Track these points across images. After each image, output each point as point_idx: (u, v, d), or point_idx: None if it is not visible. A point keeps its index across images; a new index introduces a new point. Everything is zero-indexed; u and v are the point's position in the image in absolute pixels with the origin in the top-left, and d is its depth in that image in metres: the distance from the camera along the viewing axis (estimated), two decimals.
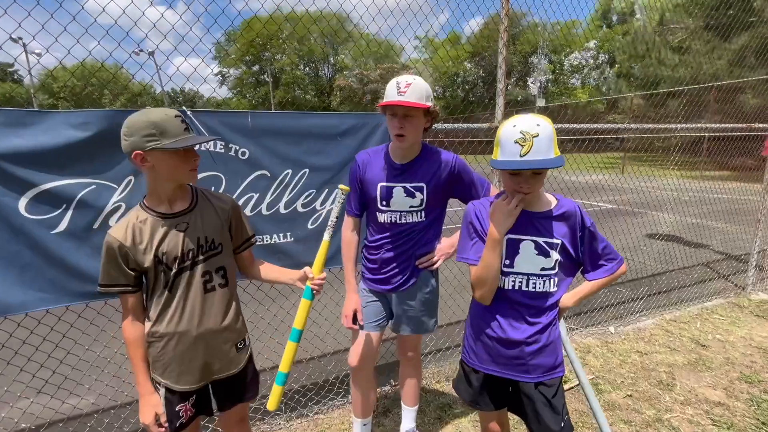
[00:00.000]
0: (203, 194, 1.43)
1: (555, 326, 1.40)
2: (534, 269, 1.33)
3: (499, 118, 2.52)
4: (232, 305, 1.45)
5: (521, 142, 1.18)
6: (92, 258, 1.72)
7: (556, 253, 1.33)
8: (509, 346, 1.37)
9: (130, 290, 1.30)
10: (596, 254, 1.38)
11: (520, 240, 1.34)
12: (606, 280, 1.40)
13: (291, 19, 2.91)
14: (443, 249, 1.84)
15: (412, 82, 1.57)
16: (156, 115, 1.20)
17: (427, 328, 1.92)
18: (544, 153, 1.18)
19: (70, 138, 1.61)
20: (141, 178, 1.75)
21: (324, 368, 2.82)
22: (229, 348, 1.44)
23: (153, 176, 1.27)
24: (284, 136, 2.01)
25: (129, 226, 1.27)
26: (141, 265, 1.27)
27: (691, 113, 10.63)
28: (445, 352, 3.07)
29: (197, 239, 1.34)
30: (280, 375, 1.47)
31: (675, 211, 7.05)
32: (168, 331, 1.33)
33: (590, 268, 1.40)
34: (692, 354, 3.03)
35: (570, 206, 1.36)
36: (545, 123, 1.20)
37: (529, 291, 1.35)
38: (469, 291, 1.45)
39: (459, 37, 31.17)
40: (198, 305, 1.35)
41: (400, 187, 1.72)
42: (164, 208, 1.31)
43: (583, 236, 1.36)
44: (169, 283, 1.31)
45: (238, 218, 1.50)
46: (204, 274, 1.36)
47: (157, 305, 1.32)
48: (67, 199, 1.65)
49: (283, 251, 2.08)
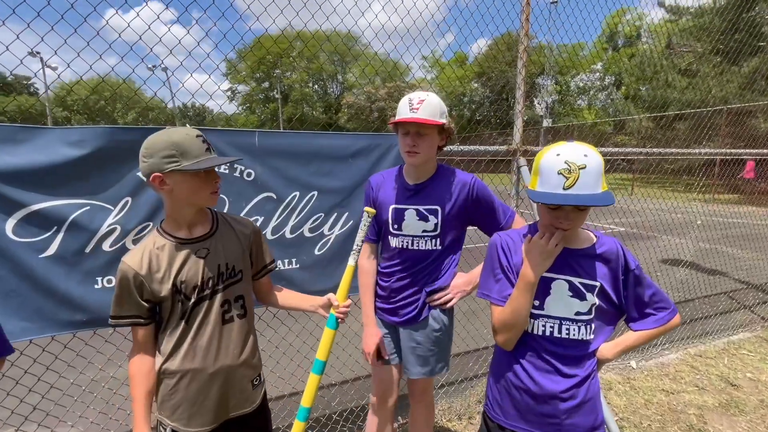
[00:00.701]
0: (224, 218, 1.35)
1: (594, 380, 1.23)
2: (567, 313, 1.18)
3: (518, 140, 2.41)
4: (249, 337, 1.35)
5: (566, 173, 1.05)
6: (83, 284, 1.59)
7: (593, 296, 1.18)
8: (541, 400, 1.20)
9: (142, 322, 1.20)
10: (643, 302, 1.22)
11: (553, 279, 1.19)
12: (654, 332, 1.22)
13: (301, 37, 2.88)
14: (459, 286, 1.66)
15: (425, 99, 1.47)
16: (177, 135, 1.12)
17: (434, 371, 1.72)
18: (591, 187, 1.04)
19: (64, 156, 1.50)
20: (138, 200, 1.64)
21: (328, 402, 2.64)
22: (245, 385, 1.33)
23: (172, 200, 1.19)
24: (292, 157, 1.90)
25: (145, 253, 1.18)
26: (157, 296, 1.18)
27: (700, 136, 10.51)
28: (458, 386, 2.87)
29: (218, 266, 1.25)
30: (303, 410, 1.34)
31: (688, 236, 6.84)
32: (182, 368, 1.21)
33: (636, 317, 1.23)
34: (723, 394, 2.81)
35: (611, 245, 1.22)
36: (594, 154, 1.06)
37: (562, 338, 1.19)
38: (480, 316, 1.32)
39: (465, 57, 31.62)
40: (216, 338, 1.24)
41: (413, 210, 1.59)
42: (183, 233, 1.22)
43: (627, 280, 1.20)
44: (187, 314, 1.21)
45: (258, 244, 1.42)
46: (223, 304, 1.26)
47: (171, 338, 1.22)
48: (59, 220, 1.53)
49: (287, 278, 1.94)
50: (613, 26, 27.13)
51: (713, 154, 3.99)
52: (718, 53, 13.48)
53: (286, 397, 2.50)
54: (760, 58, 13.72)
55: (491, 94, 34.51)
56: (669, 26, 18.25)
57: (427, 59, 14.39)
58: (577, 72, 34.52)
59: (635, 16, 24.39)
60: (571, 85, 36.91)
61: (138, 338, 1.22)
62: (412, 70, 17.91)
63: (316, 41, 3.70)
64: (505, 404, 1.27)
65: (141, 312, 1.19)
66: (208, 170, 1.17)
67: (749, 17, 6.39)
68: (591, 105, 35.60)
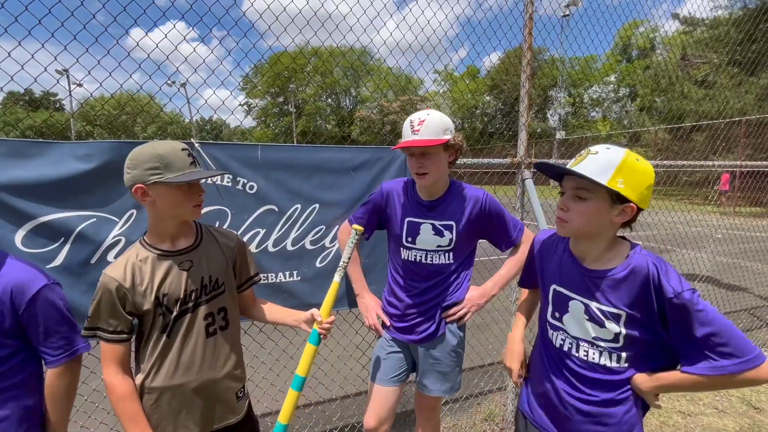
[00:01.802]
0: (208, 231, 1.35)
1: (622, 408, 1.08)
2: (584, 335, 1.10)
3: (522, 153, 2.39)
4: (234, 349, 1.34)
5: (578, 157, 1.06)
6: (87, 295, 1.62)
7: (617, 325, 1.04)
8: (560, 407, 1.16)
9: (124, 337, 1.18)
10: (693, 340, 0.96)
11: (570, 297, 1.12)
12: (708, 380, 0.96)
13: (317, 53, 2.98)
14: (473, 299, 1.64)
15: (425, 119, 1.48)
16: (162, 148, 1.14)
17: (454, 388, 1.70)
18: (592, 172, 1.00)
19: (73, 170, 1.55)
20: (143, 212, 1.68)
21: (329, 417, 2.61)
22: (229, 397, 1.31)
23: (154, 212, 1.20)
24: (295, 170, 1.93)
25: (128, 265, 1.18)
26: (140, 309, 1.17)
27: (719, 148, 10.26)
28: (462, 403, 2.81)
29: (201, 279, 1.25)
30: (279, 427, 1.32)
31: (706, 250, 6.62)
32: (164, 384, 1.20)
33: (686, 356, 1.00)
34: (745, 418, 2.67)
35: (641, 266, 1.02)
36: (617, 150, 1.01)
37: (580, 358, 1.11)
38: (485, 332, 1.33)
39: (477, 70, 31.80)
40: (199, 351, 1.23)
41: (429, 225, 1.59)
42: (167, 246, 1.23)
43: (665, 311, 0.98)
44: (169, 327, 1.20)
45: (243, 256, 1.42)
46: (206, 317, 1.25)
47: (152, 354, 1.20)
48: (66, 232, 1.57)
49: (289, 291, 1.95)
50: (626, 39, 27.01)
51: (730, 166, 3.90)
52: (735, 64, 13.25)
53: (272, 414, 2.48)
54: None
55: (504, 106, 34.51)
56: (683, 38, 18.06)
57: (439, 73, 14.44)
58: (590, 84, 34.32)
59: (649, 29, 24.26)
60: (585, 98, 36.67)
61: (118, 356, 1.17)
62: (425, 84, 18.07)
63: (332, 57, 3.81)
64: (532, 401, 1.26)
65: (124, 326, 1.17)
66: (191, 183, 1.18)
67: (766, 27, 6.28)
68: (605, 117, 35.23)
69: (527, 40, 2.29)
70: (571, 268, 1.14)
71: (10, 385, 1.10)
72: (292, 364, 2.41)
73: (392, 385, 1.69)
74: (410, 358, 1.73)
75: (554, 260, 1.22)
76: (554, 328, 1.17)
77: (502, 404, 2.71)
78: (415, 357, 1.71)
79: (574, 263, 1.14)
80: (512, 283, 2.53)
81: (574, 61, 19.17)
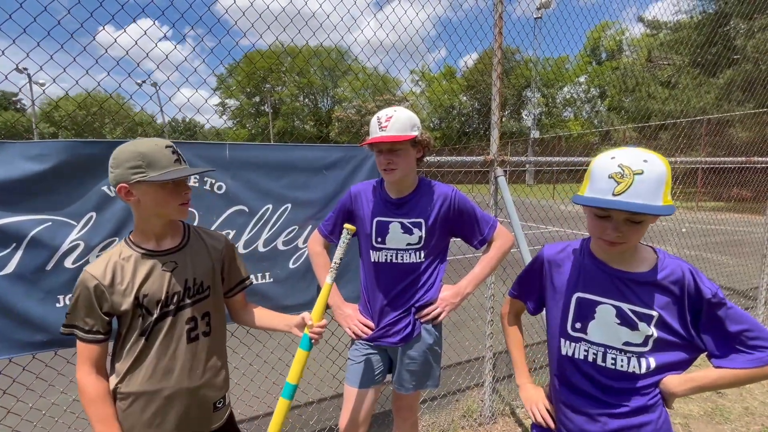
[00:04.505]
0: (196, 232, 1.31)
1: (658, 414, 1.04)
2: (613, 341, 1.05)
3: (494, 151, 2.42)
4: (215, 357, 1.29)
5: (618, 177, 0.92)
6: (43, 303, 1.53)
7: (649, 327, 1.02)
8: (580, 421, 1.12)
9: (101, 338, 1.14)
10: (728, 337, 1.00)
11: (598, 302, 1.07)
12: (745, 373, 0.98)
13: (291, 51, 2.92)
14: (447, 299, 1.63)
15: (392, 115, 1.48)
16: (145, 146, 1.10)
17: (434, 384, 1.70)
18: (646, 197, 0.90)
19: (25, 171, 1.46)
20: (104, 215, 1.60)
21: (306, 421, 2.57)
22: (206, 407, 1.26)
23: (139, 211, 1.16)
24: (265, 169, 1.88)
25: (110, 263, 1.13)
26: (117, 309, 1.12)
27: (682, 146, 10.75)
28: (440, 400, 2.82)
29: (185, 281, 1.20)
30: None
31: (672, 243, 6.92)
32: (138, 389, 1.15)
33: (718, 354, 1.01)
34: (708, 403, 2.80)
35: (676, 270, 1.03)
36: (656, 160, 0.92)
37: (606, 367, 1.06)
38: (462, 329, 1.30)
39: (454, 71, 32.17)
40: (179, 357, 1.19)
41: (397, 223, 1.58)
42: (151, 245, 1.19)
43: (700, 311, 1.01)
44: (148, 330, 1.15)
45: (231, 258, 1.37)
46: (189, 321, 1.21)
47: (128, 357, 1.15)
48: (18, 237, 1.48)
49: (261, 293, 1.90)
50: (595, 41, 27.97)
51: (695, 162, 4.08)
52: (697, 65, 13.92)
53: (261, 417, 2.43)
54: (734, 70, 14.19)
55: (481, 106, 35.07)
56: (649, 40, 18.83)
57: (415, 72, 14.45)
58: (563, 84, 35.33)
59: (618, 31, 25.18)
60: (558, 98, 37.72)
61: (92, 356, 1.14)
62: (401, 84, 18.18)
63: (305, 56, 3.74)
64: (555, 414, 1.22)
65: (100, 326, 1.13)
66: (177, 181, 1.14)
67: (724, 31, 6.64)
68: (577, 116, 36.35)
69: (497, 39, 2.32)
70: (595, 273, 1.09)
71: None
72: (267, 368, 2.38)
73: (368, 388, 1.66)
74: (387, 359, 1.71)
75: (569, 269, 1.16)
76: (574, 340, 1.11)
77: (480, 400, 2.73)
78: (393, 358, 1.70)
79: (601, 266, 1.09)
80: (487, 280, 2.57)
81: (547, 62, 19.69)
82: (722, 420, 2.61)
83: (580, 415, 1.11)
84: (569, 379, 1.14)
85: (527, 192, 10.87)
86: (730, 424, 2.56)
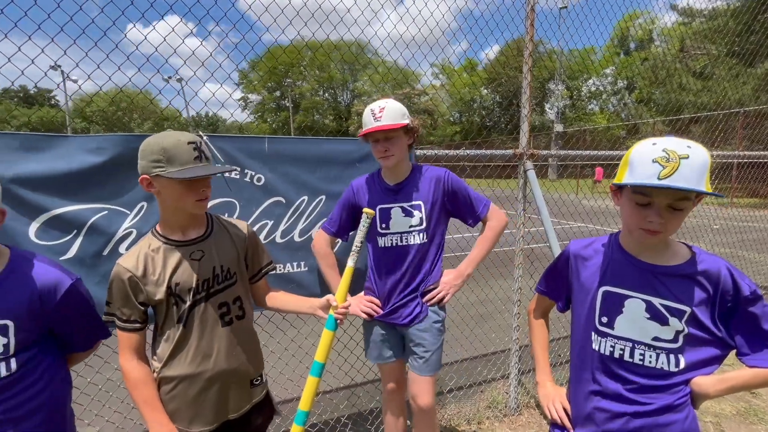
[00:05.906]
0: (219, 221, 1.37)
1: (685, 415, 1.02)
2: (642, 337, 1.02)
3: (524, 144, 2.42)
4: (249, 338, 1.37)
5: (663, 161, 0.90)
6: (99, 286, 1.64)
7: (680, 323, 0.99)
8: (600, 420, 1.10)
9: (138, 326, 1.21)
10: (765, 335, 0.98)
11: (626, 296, 1.05)
12: None
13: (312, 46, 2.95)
14: (450, 281, 1.74)
15: (385, 106, 1.61)
16: (168, 141, 1.14)
17: (439, 366, 1.77)
18: (692, 182, 0.88)
19: (84, 163, 1.57)
20: (154, 204, 1.70)
21: (337, 405, 2.66)
22: (245, 385, 1.35)
23: (161, 202, 1.22)
24: (301, 162, 1.95)
25: (141, 256, 1.20)
26: (152, 298, 1.19)
27: (717, 139, 10.32)
28: (467, 390, 2.86)
29: (212, 269, 1.26)
30: (301, 414, 1.36)
31: (705, 240, 6.69)
32: (181, 373, 1.22)
33: (748, 352, 0.99)
34: (741, 402, 2.74)
35: (713, 265, 1.01)
36: (699, 148, 0.92)
37: (634, 363, 1.03)
38: (489, 321, 1.32)
39: (475, 64, 31.66)
40: (216, 341, 1.26)
41: (398, 207, 1.70)
42: (177, 236, 1.25)
43: (735, 309, 0.98)
44: (184, 317, 1.22)
45: (254, 246, 1.43)
46: (221, 306, 1.27)
47: (169, 343, 1.23)
48: (79, 224, 1.60)
49: (296, 281, 1.98)
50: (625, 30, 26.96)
51: (728, 156, 3.93)
52: (733, 55, 13.26)
53: (294, 400, 2.53)
54: None
55: (502, 99, 34.43)
56: (682, 29, 18.03)
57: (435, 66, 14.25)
58: (588, 76, 34.23)
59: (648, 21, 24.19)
60: (583, 90, 36.60)
61: (133, 343, 1.21)
62: (421, 78, 18.05)
63: (325, 50, 3.79)
64: (572, 411, 1.20)
65: (137, 315, 1.20)
66: (193, 179, 1.15)
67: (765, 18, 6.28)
68: (603, 109, 35.19)
69: (529, 32, 2.31)
70: (625, 267, 1.07)
71: (36, 378, 1.12)
72: (301, 353, 2.47)
73: (392, 362, 1.82)
74: (400, 340, 1.82)
75: (596, 264, 1.14)
76: (601, 335, 1.08)
77: (505, 392, 2.76)
78: (404, 335, 1.79)
79: (631, 260, 1.07)
80: (514, 273, 2.58)
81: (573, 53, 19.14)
82: (756, 420, 2.55)
83: (602, 412, 1.09)
84: (594, 375, 1.12)
85: (548, 186, 10.68)
86: (765, 425, 2.50)
